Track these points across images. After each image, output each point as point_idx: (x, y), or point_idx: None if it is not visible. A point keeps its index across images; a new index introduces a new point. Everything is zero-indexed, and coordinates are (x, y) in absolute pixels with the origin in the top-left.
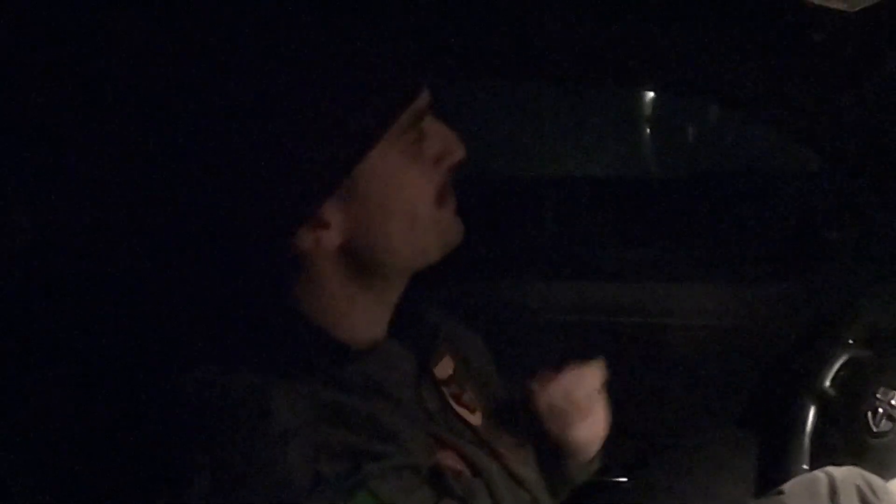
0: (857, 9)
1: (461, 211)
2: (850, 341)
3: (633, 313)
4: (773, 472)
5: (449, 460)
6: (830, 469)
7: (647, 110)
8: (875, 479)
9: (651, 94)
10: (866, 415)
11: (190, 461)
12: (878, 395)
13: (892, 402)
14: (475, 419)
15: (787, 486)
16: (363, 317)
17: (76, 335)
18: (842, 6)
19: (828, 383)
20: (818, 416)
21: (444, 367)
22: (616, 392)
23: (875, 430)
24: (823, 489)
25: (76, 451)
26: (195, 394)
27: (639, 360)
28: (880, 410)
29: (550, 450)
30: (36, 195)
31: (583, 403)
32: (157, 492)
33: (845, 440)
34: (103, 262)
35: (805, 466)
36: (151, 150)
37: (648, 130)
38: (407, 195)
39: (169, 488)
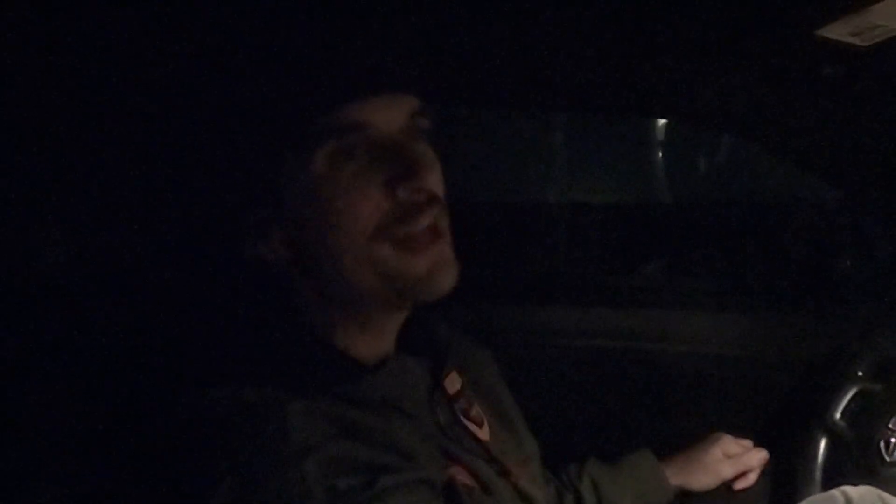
0: (870, 44)
1: (472, 236)
2: (860, 373)
3: (643, 339)
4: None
5: (460, 476)
6: (847, 488)
7: (661, 137)
8: (893, 501)
9: (664, 121)
10: (879, 444)
11: (210, 475)
12: (890, 426)
13: None
14: (483, 434)
15: None
16: (363, 334)
17: (102, 349)
18: (855, 41)
19: (838, 415)
20: (829, 447)
21: (453, 382)
22: (624, 417)
23: (888, 459)
24: None
25: (97, 464)
26: (216, 409)
27: (647, 387)
28: (893, 440)
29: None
30: (68, 210)
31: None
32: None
33: (857, 470)
34: (126, 277)
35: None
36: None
37: (661, 156)
38: (333, 220)
39: (188, 501)
